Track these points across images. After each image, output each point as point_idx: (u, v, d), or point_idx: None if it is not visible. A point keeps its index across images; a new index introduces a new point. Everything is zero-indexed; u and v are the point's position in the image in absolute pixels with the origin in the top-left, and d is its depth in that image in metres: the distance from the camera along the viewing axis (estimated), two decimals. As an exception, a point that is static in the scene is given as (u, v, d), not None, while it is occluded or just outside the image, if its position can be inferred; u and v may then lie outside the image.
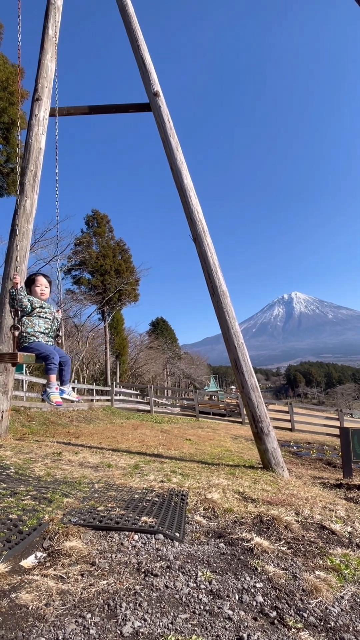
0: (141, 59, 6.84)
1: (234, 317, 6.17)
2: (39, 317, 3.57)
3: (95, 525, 2.63)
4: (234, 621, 1.63)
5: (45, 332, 3.59)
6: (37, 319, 3.54)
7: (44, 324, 3.58)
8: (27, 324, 3.48)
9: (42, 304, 3.62)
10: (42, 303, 3.63)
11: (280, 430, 15.82)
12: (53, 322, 3.70)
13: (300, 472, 7.02)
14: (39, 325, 3.53)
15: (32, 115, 6.52)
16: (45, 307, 3.64)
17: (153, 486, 3.82)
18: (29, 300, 3.52)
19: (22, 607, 1.62)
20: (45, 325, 3.59)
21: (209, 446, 9.06)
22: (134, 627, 1.52)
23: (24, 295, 3.52)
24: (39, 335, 3.51)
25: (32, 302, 3.53)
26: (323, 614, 1.81)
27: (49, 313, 3.67)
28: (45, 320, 3.61)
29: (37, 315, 3.56)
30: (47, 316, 3.64)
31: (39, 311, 3.57)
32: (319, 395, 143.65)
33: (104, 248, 33.80)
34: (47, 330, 3.61)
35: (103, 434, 9.47)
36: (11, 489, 3.23)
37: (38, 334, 3.51)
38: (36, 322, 3.53)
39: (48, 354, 3.44)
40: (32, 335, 3.47)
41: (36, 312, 3.55)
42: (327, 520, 3.45)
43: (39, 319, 3.56)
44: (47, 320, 3.63)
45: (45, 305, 3.65)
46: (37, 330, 3.51)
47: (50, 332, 3.66)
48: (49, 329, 3.63)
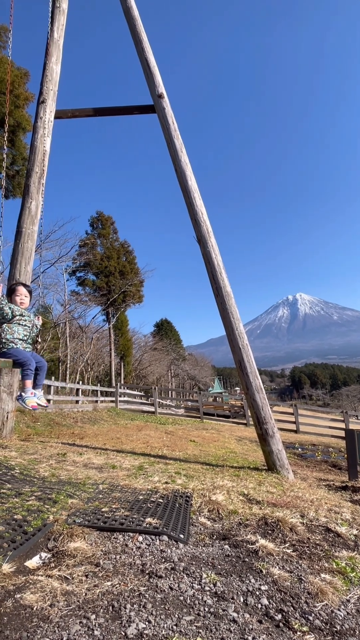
0: (146, 62, 6.86)
1: (239, 318, 6.16)
2: (19, 325, 3.74)
3: (99, 526, 2.63)
4: (238, 624, 1.62)
5: (24, 339, 3.77)
6: (16, 327, 3.72)
7: (23, 331, 3.76)
8: (7, 330, 3.67)
9: (22, 312, 3.80)
10: (22, 311, 3.81)
11: (284, 432, 15.76)
12: (32, 330, 3.88)
13: (305, 474, 6.98)
14: (18, 332, 3.71)
15: (37, 118, 6.56)
16: (25, 315, 3.82)
17: (157, 487, 3.81)
18: (9, 308, 3.70)
19: (27, 608, 1.62)
20: (24, 333, 3.77)
21: (214, 448, 9.04)
22: (139, 628, 1.52)
23: (5, 304, 3.70)
24: (18, 342, 3.69)
25: (12, 310, 3.71)
26: (329, 617, 1.79)
27: (29, 321, 3.84)
28: (25, 328, 3.78)
29: (17, 323, 3.74)
30: (27, 324, 3.81)
31: (19, 319, 3.75)
32: (324, 397, 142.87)
33: (108, 249, 33.91)
34: (25, 337, 3.78)
35: (107, 435, 9.48)
36: (16, 490, 3.24)
37: (17, 340, 3.69)
38: (15, 329, 3.70)
39: (25, 361, 3.62)
40: (11, 342, 3.65)
41: (16, 319, 3.73)
42: (332, 522, 3.42)
43: (19, 326, 3.74)
44: (27, 328, 3.80)
45: (25, 314, 3.82)
46: (16, 337, 3.69)
47: (28, 339, 3.83)
48: (27, 335, 3.81)
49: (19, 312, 3.74)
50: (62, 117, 6.69)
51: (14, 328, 3.68)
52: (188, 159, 6.62)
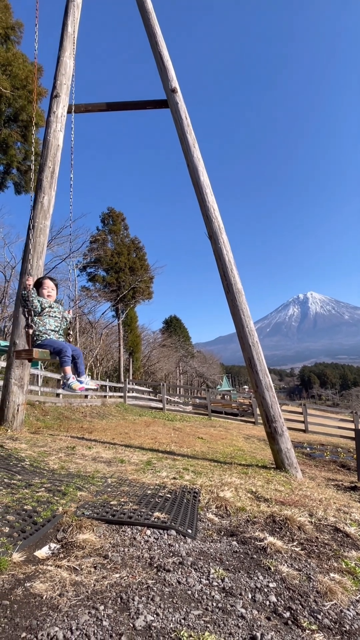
0: (159, 55, 6.83)
1: (249, 315, 6.12)
2: (49, 317, 3.83)
3: (108, 519, 2.65)
4: (247, 620, 1.61)
5: (56, 330, 3.85)
6: (47, 318, 3.81)
7: (54, 323, 3.85)
8: (39, 323, 3.76)
9: (51, 304, 3.89)
10: (51, 303, 3.90)
11: (293, 431, 15.66)
12: (62, 321, 3.96)
13: (313, 473, 6.93)
14: (49, 324, 3.80)
15: (50, 112, 6.58)
16: (54, 307, 3.90)
17: (165, 483, 3.82)
18: (38, 301, 3.77)
19: (37, 597, 1.64)
20: (55, 324, 3.85)
21: (221, 445, 9.03)
22: (147, 620, 1.52)
23: (35, 297, 3.77)
24: (50, 333, 3.79)
25: (41, 303, 3.79)
26: (338, 616, 1.77)
27: (58, 312, 3.93)
28: (55, 319, 3.87)
29: (47, 315, 3.82)
30: (57, 315, 3.90)
31: (48, 311, 3.83)
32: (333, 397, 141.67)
33: (119, 246, 33.99)
34: (57, 328, 3.87)
35: (116, 430, 9.54)
36: (26, 481, 3.28)
37: (49, 331, 3.78)
38: (47, 321, 3.79)
39: (61, 348, 3.70)
40: (44, 333, 3.74)
41: (45, 311, 3.81)
42: (341, 522, 3.39)
43: (49, 318, 3.83)
44: (57, 319, 3.89)
45: (53, 305, 3.91)
46: (48, 329, 3.78)
47: (60, 330, 3.91)
48: (58, 327, 3.89)
49: (48, 304, 3.82)
50: (75, 111, 6.69)
51: (45, 320, 3.77)
52: (200, 154, 6.58)
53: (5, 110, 16.06)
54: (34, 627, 1.43)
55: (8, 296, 23.66)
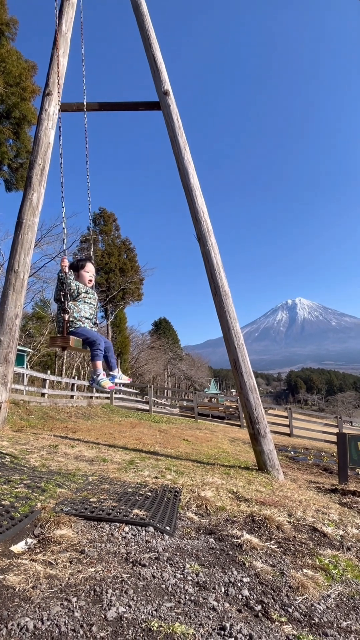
0: (152, 58, 6.87)
1: (235, 317, 6.18)
2: (84, 303, 3.57)
3: (86, 516, 2.64)
4: (218, 612, 1.63)
5: (90, 318, 3.59)
6: (82, 304, 3.54)
7: (89, 310, 3.59)
8: (74, 308, 3.47)
9: (87, 290, 3.61)
10: (87, 289, 3.62)
11: (278, 435, 15.78)
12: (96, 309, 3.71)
13: (296, 475, 7.00)
14: (84, 311, 3.53)
15: (42, 110, 6.57)
16: (89, 292, 3.63)
17: (147, 481, 3.83)
18: (76, 285, 3.50)
19: (9, 589, 1.64)
20: (90, 311, 3.59)
21: (206, 447, 9.06)
22: (119, 612, 1.53)
23: (72, 280, 3.49)
24: (85, 321, 3.52)
25: (78, 287, 3.51)
26: (308, 610, 1.81)
27: (93, 299, 3.66)
28: (90, 306, 3.61)
29: (83, 301, 3.56)
30: (92, 302, 3.63)
31: (84, 296, 3.57)
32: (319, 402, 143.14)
33: (109, 246, 33.93)
34: (91, 316, 3.61)
35: (100, 430, 9.49)
36: (5, 477, 3.25)
37: (84, 319, 3.51)
38: (82, 307, 3.53)
39: (95, 340, 3.45)
40: (78, 320, 3.47)
41: (81, 297, 3.54)
42: (319, 522, 3.45)
43: (85, 304, 3.56)
44: (92, 306, 3.63)
45: (89, 291, 3.64)
46: (83, 316, 3.51)
47: (93, 318, 3.65)
48: (92, 315, 3.63)
49: (84, 289, 3.57)
50: (67, 110, 6.68)
51: (80, 306, 3.51)
52: (191, 156, 6.63)
53: (-2, 107, 15.95)
54: (4, 618, 1.43)
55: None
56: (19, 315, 6.10)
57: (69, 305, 3.43)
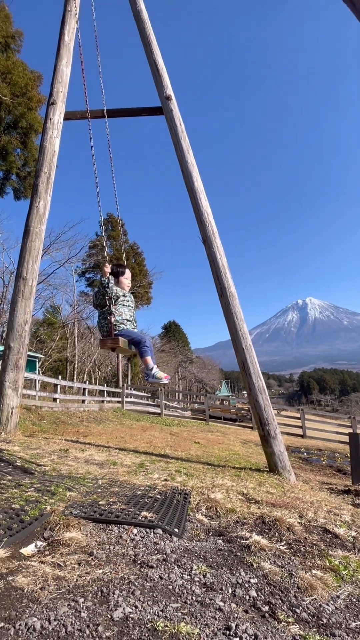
0: (154, 63, 6.95)
1: (242, 319, 6.17)
2: (124, 306, 3.72)
3: (95, 518, 2.67)
4: (224, 612, 1.63)
5: (131, 320, 3.73)
6: (122, 308, 3.69)
7: (129, 312, 3.74)
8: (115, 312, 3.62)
9: (125, 293, 3.76)
10: (125, 292, 3.77)
11: (291, 436, 15.66)
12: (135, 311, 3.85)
13: (308, 477, 6.94)
14: (125, 314, 3.69)
15: (47, 119, 6.68)
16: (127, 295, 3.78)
17: (156, 484, 3.84)
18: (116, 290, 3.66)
19: (18, 590, 1.66)
20: (130, 313, 3.74)
21: (217, 449, 9.03)
22: (125, 612, 1.55)
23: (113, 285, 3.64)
24: (127, 323, 3.68)
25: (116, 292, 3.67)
26: (316, 610, 1.79)
27: (132, 301, 3.82)
28: (129, 309, 3.76)
29: (122, 304, 3.70)
30: (130, 304, 3.79)
31: (123, 300, 3.72)
32: (332, 402, 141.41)
33: (117, 251, 34.16)
34: (131, 318, 3.75)
35: (112, 434, 9.54)
36: (16, 481, 3.30)
37: (125, 321, 3.67)
38: (122, 310, 3.68)
39: (140, 339, 3.62)
40: (121, 323, 3.64)
41: (120, 300, 3.69)
42: (331, 524, 3.41)
43: (124, 307, 3.71)
44: (131, 309, 3.78)
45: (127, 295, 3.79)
46: (124, 318, 3.67)
47: (133, 320, 3.78)
48: (132, 316, 3.77)
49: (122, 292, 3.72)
50: (71, 118, 6.80)
51: (121, 309, 3.67)
52: (195, 160, 6.67)
53: (5, 118, 16.25)
54: (13, 618, 1.46)
55: (6, 301, 23.71)
56: (29, 321, 6.19)
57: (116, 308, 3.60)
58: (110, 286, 3.56)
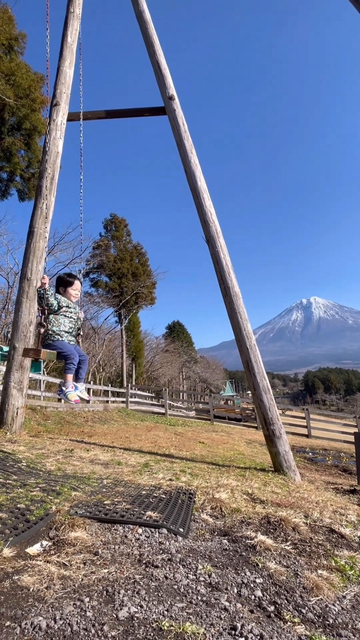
0: (157, 64, 6.95)
1: (247, 318, 6.16)
2: (65, 317, 3.73)
3: (100, 518, 2.67)
4: (229, 612, 1.63)
5: (69, 332, 3.75)
6: (62, 318, 3.71)
7: (69, 323, 3.75)
8: (53, 322, 3.64)
9: (69, 304, 3.78)
10: (69, 303, 3.79)
11: (296, 436, 15.59)
12: (77, 322, 3.86)
13: (313, 477, 6.91)
14: (64, 325, 3.70)
15: (50, 120, 6.71)
16: (71, 306, 3.80)
17: (161, 484, 3.84)
18: (56, 299, 3.66)
19: (24, 589, 1.67)
20: (69, 325, 3.75)
21: (222, 449, 9.02)
22: (130, 612, 1.55)
23: (51, 294, 3.66)
24: (63, 334, 3.68)
25: (59, 301, 3.68)
26: (322, 611, 1.79)
27: (74, 313, 3.83)
28: (70, 320, 3.77)
29: (63, 315, 3.72)
30: (72, 316, 3.80)
31: (65, 310, 3.73)
32: (337, 402, 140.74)
33: (121, 251, 34.22)
34: (70, 330, 3.77)
35: (116, 434, 9.56)
36: (21, 481, 3.31)
37: (62, 332, 3.67)
38: (62, 321, 3.69)
39: (69, 354, 3.60)
40: (57, 334, 3.64)
41: (62, 311, 3.71)
42: (336, 524, 3.39)
43: (65, 318, 3.73)
44: (72, 320, 3.79)
45: (71, 305, 3.81)
46: (62, 330, 3.67)
47: (73, 331, 3.82)
48: (72, 328, 3.80)
49: (66, 303, 3.73)
50: (74, 119, 6.81)
51: (60, 320, 3.67)
52: (198, 159, 6.67)
53: (9, 119, 16.32)
54: (19, 617, 1.46)
55: (11, 302, 23.82)
56: (33, 322, 6.22)
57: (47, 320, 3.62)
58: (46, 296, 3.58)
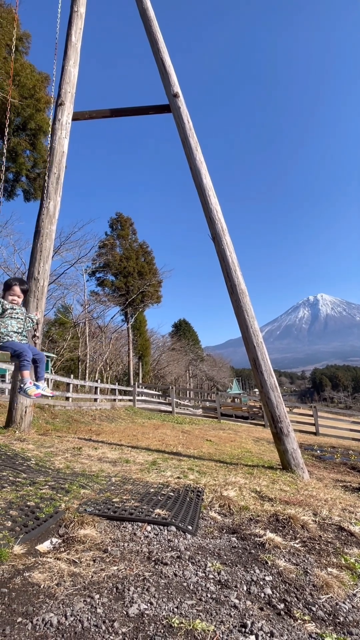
0: (161, 62, 6.93)
1: (253, 316, 6.13)
2: (11, 318, 3.79)
3: (109, 516, 2.69)
4: (239, 609, 1.63)
5: (18, 332, 3.81)
6: (9, 320, 3.77)
7: (17, 324, 3.80)
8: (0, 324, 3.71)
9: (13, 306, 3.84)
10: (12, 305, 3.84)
11: (304, 434, 15.51)
12: (26, 322, 3.91)
13: (321, 474, 6.87)
14: (11, 326, 3.76)
15: (55, 120, 6.73)
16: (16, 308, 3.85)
17: (169, 482, 3.84)
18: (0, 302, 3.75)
19: (35, 585, 1.68)
20: (17, 325, 3.81)
21: (229, 447, 9.01)
22: (140, 609, 1.56)
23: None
24: (13, 335, 3.74)
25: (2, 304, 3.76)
26: (333, 609, 1.78)
27: (20, 313, 3.88)
28: (18, 320, 3.82)
29: (9, 317, 3.78)
30: (19, 316, 3.86)
31: (10, 312, 3.79)
32: (345, 399, 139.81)
33: (127, 250, 34.27)
34: (20, 330, 3.83)
35: (124, 432, 9.59)
36: (31, 479, 3.34)
37: (12, 333, 3.74)
38: (8, 322, 3.75)
39: (21, 352, 3.66)
40: (6, 335, 3.70)
41: (7, 313, 3.78)
42: (346, 521, 3.37)
43: (11, 319, 3.78)
44: (20, 320, 3.84)
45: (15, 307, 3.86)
46: (11, 330, 3.74)
47: (23, 331, 3.87)
48: (21, 328, 3.85)
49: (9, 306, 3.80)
50: (79, 118, 6.83)
51: (7, 322, 3.75)
52: (203, 157, 6.64)
53: (14, 120, 16.40)
54: (30, 613, 1.48)
55: (18, 302, 23.96)
56: (41, 321, 6.25)
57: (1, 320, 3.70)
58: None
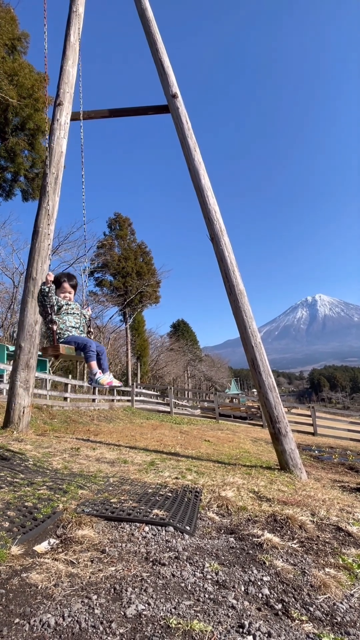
0: (160, 62, 6.93)
1: (251, 316, 6.14)
2: (68, 314, 3.80)
3: (107, 516, 2.68)
4: (237, 610, 1.63)
5: (76, 327, 3.83)
6: (66, 316, 3.78)
7: (74, 320, 3.82)
8: (59, 321, 3.71)
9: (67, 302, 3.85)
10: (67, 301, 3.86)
11: (302, 434, 15.53)
12: (81, 318, 3.94)
13: (319, 475, 6.88)
14: (69, 321, 3.77)
15: (54, 120, 6.72)
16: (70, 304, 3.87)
17: (167, 482, 3.85)
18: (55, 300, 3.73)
19: (32, 586, 1.68)
20: (75, 321, 3.83)
21: (227, 447, 9.02)
22: (138, 609, 1.55)
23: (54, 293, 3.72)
24: (72, 330, 3.75)
25: (57, 301, 3.75)
26: (330, 609, 1.78)
27: (76, 309, 3.90)
28: (74, 316, 3.85)
29: (66, 312, 3.80)
30: (75, 312, 3.87)
31: (66, 308, 3.80)
32: (343, 400, 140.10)
33: (125, 250, 34.24)
34: (77, 325, 3.84)
35: (122, 432, 9.59)
36: (28, 480, 3.33)
37: (70, 328, 3.75)
38: (66, 318, 3.77)
39: (85, 343, 3.68)
40: (66, 330, 3.71)
41: (63, 309, 3.79)
42: (343, 522, 3.38)
43: (68, 315, 3.80)
44: (76, 315, 3.87)
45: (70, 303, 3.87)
46: (69, 326, 3.75)
47: (80, 326, 3.89)
48: (78, 323, 3.87)
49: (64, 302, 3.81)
50: (78, 118, 6.81)
51: (64, 317, 3.76)
52: (201, 157, 6.65)
53: (13, 119, 16.38)
54: (27, 614, 1.47)
55: (17, 302, 23.95)
56: (39, 321, 6.25)
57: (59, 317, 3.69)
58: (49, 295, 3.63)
